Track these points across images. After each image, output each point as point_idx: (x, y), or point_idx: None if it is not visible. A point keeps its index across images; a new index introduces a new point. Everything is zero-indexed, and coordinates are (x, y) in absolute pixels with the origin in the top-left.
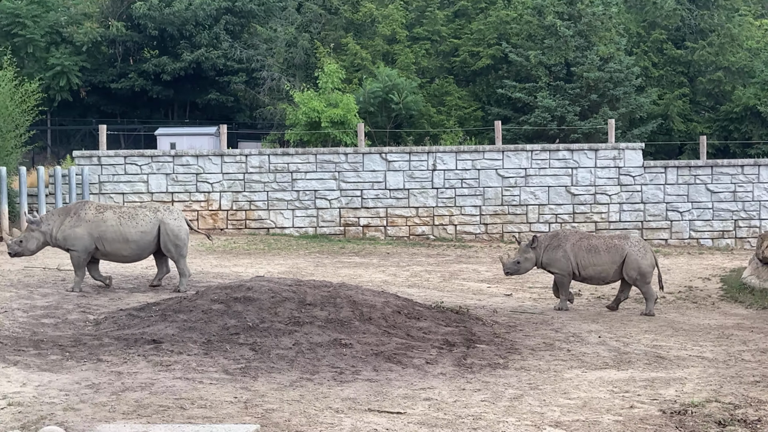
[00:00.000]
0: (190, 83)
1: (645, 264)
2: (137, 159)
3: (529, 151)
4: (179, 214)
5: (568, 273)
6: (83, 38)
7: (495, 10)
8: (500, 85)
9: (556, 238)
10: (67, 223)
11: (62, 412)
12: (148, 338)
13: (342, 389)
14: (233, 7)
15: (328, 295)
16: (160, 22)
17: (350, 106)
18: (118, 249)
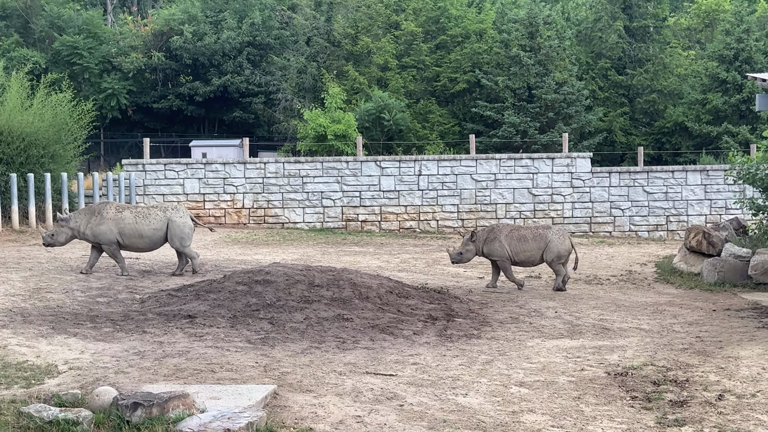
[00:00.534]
0: (219, 103)
1: (563, 249)
2: (175, 166)
3: (498, 159)
4: (185, 212)
5: (507, 258)
6: (130, 66)
7: (470, 43)
8: (474, 105)
9: (492, 231)
10: (93, 221)
11: (114, 375)
12: (184, 314)
13: (344, 356)
14: (254, 41)
15: (332, 278)
16: (193, 52)
17: (350, 123)
18: (135, 242)
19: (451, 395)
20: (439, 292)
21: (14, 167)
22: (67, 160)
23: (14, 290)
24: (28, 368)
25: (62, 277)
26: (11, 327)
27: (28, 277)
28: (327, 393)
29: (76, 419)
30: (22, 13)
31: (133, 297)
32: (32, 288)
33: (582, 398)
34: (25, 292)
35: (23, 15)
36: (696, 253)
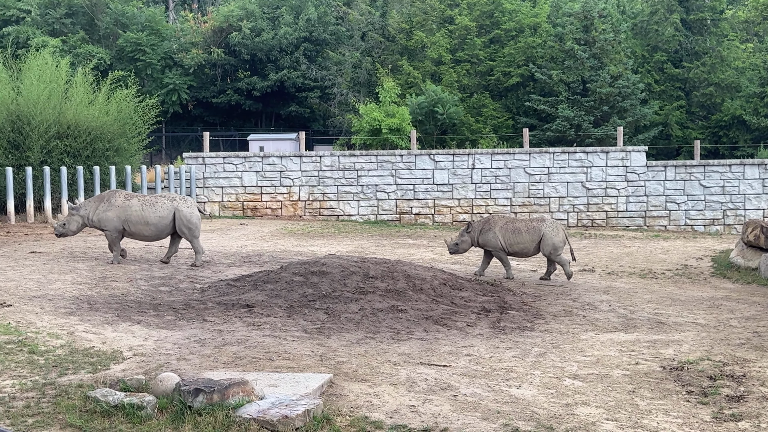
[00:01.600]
0: (275, 98)
1: (557, 241)
2: (233, 159)
3: (552, 153)
4: (192, 203)
5: (501, 249)
6: (191, 62)
7: (523, 37)
8: (527, 98)
9: (487, 223)
10: (101, 208)
11: (176, 362)
12: (243, 303)
13: (398, 346)
14: (310, 36)
15: (387, 269)
16: (251, 48)
17: (404, 116)
18: (141, 230)
19: (505, 387)
20: (493, 284)
21: (81, 160)
22: (131, 153)
23: (81, 279)
24: (95, 354)
25: (126, 267)
26: (78, 314)
27: (94, 266)
28: (382, 382)
29: (141, 404)
30: (87, 10)
31: (193, 286)
32: (98, 277)
33: (637, 392)
34: (91, 281)
35: (89, 12)
36: (754, 248)
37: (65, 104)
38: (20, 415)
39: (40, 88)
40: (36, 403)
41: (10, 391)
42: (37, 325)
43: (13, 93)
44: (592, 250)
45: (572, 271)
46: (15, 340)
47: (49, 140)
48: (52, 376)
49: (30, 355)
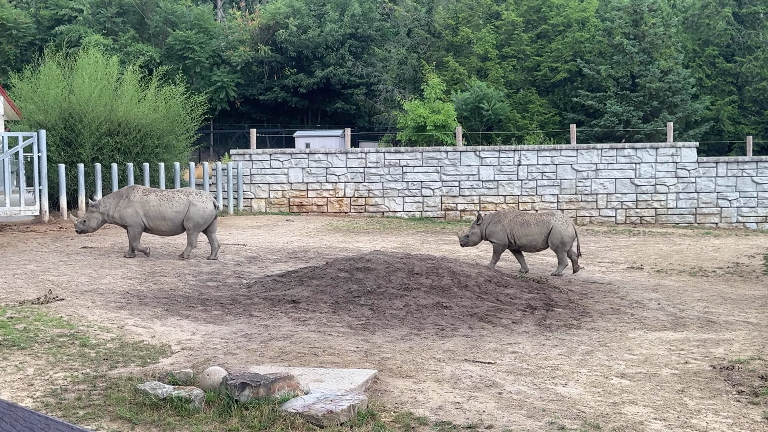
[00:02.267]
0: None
1: (566, 235)
2: (280, 156)
3: (599, 149)
4: (207, 197)
5: (504, 244)
6: (238, 60)
7: (571, 32)
8: (575, 94)
9: (497, 216)
10: (121, 204)
11: (223, 356)
12: (288, 299)
13: (443, 343)
14: (356, 33)
15: (431, 266)
16: (298, 45)
17: (450, 113)
18: (158, 224)
19: (551, 384)
20: (538, 281)
21: (131, 157)
22: (179, 150)
23: (131, 274)
24: (144, 348)
25: (175, 262)
26: (128, 308)
27: (143, 261)
28: (426, 379)
29: (188, 397)
30: (138, 9)
31: (240, 282)
32: (147, 272)
33: (686, 391)
34: (141, 276)
35: (139, 11)
36: None
37: (116, 102)
38: (72, 407)
39: (92, 86)
40: (87, 395)
41: (62, 384)
42: (89, 318)
43: (65, 91)
44: (641, 248)
45: (563, 272)
46: (67, 334)
47: (100, 137)
48: (102, 369)
49: (81, 348)
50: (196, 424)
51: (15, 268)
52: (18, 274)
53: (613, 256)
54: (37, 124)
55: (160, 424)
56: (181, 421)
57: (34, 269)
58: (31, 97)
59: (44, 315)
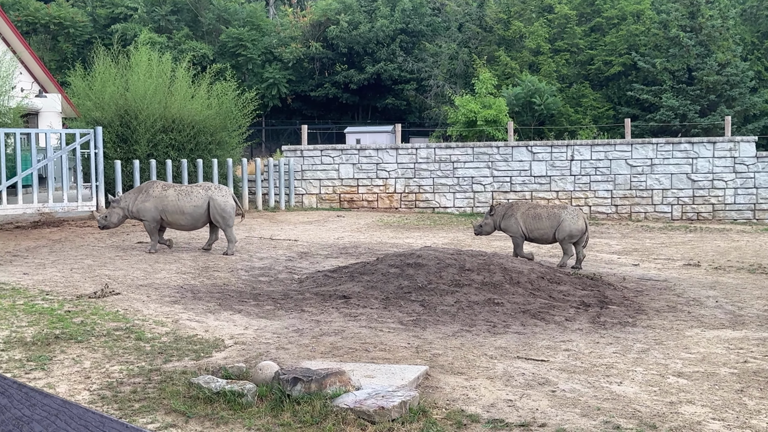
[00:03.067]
0: (372, 91)
1: (575, 228)
2: (331, 152)
3: (655, 144)
4: (227, 192)
5: (520, 235)
6: (290, 56)
7: (626, 25)
8: (629, 88)
9: (510, 208)
10: (140, 199)
11: (275, 351)
12: (339, 294)
13: (495, 339)
14: (407, 28)
15: (483, 262)
16: (348, 41)
17: (501, 108)
18: (177, 219)
19: (605, 383)
20: (592, 278)
21: (185, 153)
22: (232, 146)
23: (185, 268)
24: (198, 342)
25: (227, 258)
26: (183, 303)
27: (197, 257)
28: (478, 376)
29: (241, 391)
30: (191, 7)
31: (292, 277)
32: (201, 267)
33: (745, 391)
34: (194, 271)
35: (193, 9)
36: None
37: (169, 99)
38: (127, 400)
39: (147, 83)
40: (142, 388)
41: (118, 377)
42: (144, 312)
43: (121, 89)
44: (698, 244)
45: (571, 263)
46: (123, 327)
47: (155, 134)
48: (157, 363)
49: (137, 341)
50: (248, 419)
51: (72, 262)
52: (75, 268)
53: (669, 253)
54: (94, 121)
55: (213, 418)
56: (234, 415)
57: (91, 264)
58: (88, 95)
59: (101, 309)
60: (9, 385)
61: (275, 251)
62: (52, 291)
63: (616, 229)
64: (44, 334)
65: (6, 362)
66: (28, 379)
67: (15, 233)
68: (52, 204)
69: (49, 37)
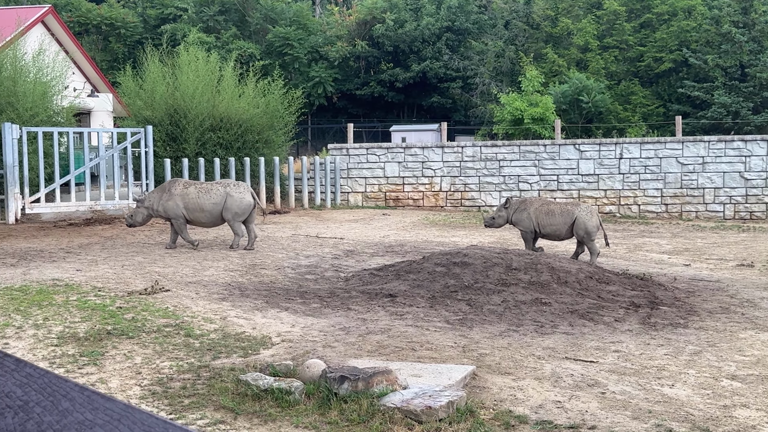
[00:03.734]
0: (417, 89)
1: (590, 225)
2: (376, 150)
3: (707, 142)
4: (245, 188)
5: (530, 231)
6: (336, 55)
7: (677, 21)
8: (680, 85)
9: (524, 203)
10: (164, 198)
11: (322, 349)
12: (385, 293)
13: (542, 340)
14: (452, 26)
15: (530, 261)
16: (394, 40)
17: (548, 105)
18: (197, 216)
19: (656, 385)
20: (642, 278)
21: (232, 152)
22: (278, 144)
23: (233, 266)
24: (246, 339)
25: (274, 255)
26: (230, 300)
27: (244, 254)
28: (526, 376)
29: (289, 389)
30: (239, 7)
31: (338, 275)
32: (248, 264)
33: None
34: (242, 268)
35: (240, 9)
36: None
37: (217, 98)
38: (177, 396)
39: (195, 82)
40: (192, 384)
41: (168, 373)
42: (193, 309)
43: (171, 88)
44: (751, 244)
45: (597, 259)
46: (173, 324)
47: (203, 133)
48: (206, 359)
49: (186, 338)
50: (296, 416)
51: (124, 259)
52: (126, 265)
53: (722, 253)
54: (145, 120)
55: (261, 415)
56: (281, 413)
57: (141, 260)
58: (138, 94)
59: (151, 305)
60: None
61: (321, 249)
62: (104, 287)
63: (666, 228)
64: (96, 330)
65: (59, 357)
66: (81, 374)
67: (68, 230)
68: (104, 202)
69: (100, 38)
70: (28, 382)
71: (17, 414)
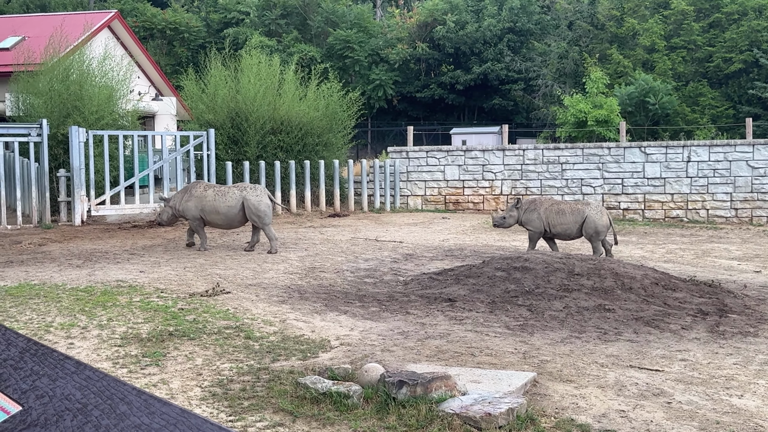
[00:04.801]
0: (478, 91)
1: (600, 224)
2: (436, 153)
3: None
4: (261, 191)
5: (540, 232)
6: (396, 57)
7: (747, 21)
8: (751, 86)
9: (533, 203)
10: (184, 198)
11: (380, 353)
12: (445, 297)
13: (606, 347)
14: (514, 27)
15: (593, 267)
16: (455, 42)
17: (613, 108)
18: (213, 218)
19: (725, 396)
20: (710, 285)
21: (292, 155)
22: (338, 147)
23: (292, 269)
24: (304, 342)
25: (334, 258)
26: (290, 303)
27: (303, 257)
28: (588, 384)
29: (347, 392)
30: (300, 10)
31: (397, 279)
32: (307, 267)
33: None
34: (301, 271)
35: (302, 12)
36: None
37: (278, 101)
38: (237, 398)
39: (257, 86)
40: (251, 386)
41: (228, 374)
42: (253, 312)
43: (232, 91)
44: None
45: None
46: (233, 326)
47: (264, 136)
48: (265, 362)
49: (246, 340)
50: (354, 420)
51: (186, 261)
52: (188, 267)
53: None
54: (207, 123)
55: (320, 418)
56: (340, 416)
57: (203, 262)
58: (201, 98)
59: (212, 307)
60: (128, 391)
61: (380, 253)
62: (166, 289)
63: (736, 234)
64: (159, 331)
65: (123, 357)
66: (143, 375)
67: (132, 232)
68: None
69: (164, 42)
70: (87, 385)
71: (76, 417)
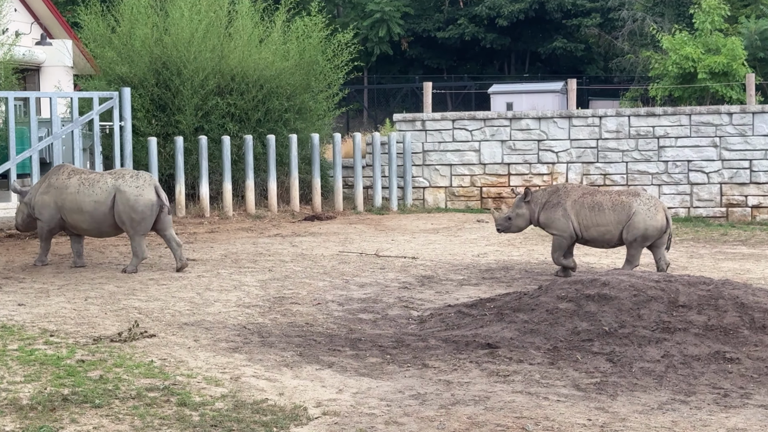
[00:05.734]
0: (531, 29)
1: (651, 226)
2: (467, 123)
3: None
4: (146, 182)
5: (568, 235)
6: None
7: None
8: None
9: (556, 194)
10: (41, 189)
11: (383, 426)
12: (481, 341)
13: (727, 416)
14: None
15: (707, 294)
16: None
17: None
18: (76, 220)
19: None
20: None
21: (249, 126)
22: (318, 115)
23: (249, 299)
24: (268, 410)
25: (312, 283)
26: (246, 351)
27: (267, 281)
28: None
29: None
30: None
31: (408, 314)
32: (273, 296)
33: None
34: (263, 302)
35: None
36: None
37: (227, 45)
38: None
39: (194, 21)
40: None
41: None
42: (190, 365)
43: (158, 30)
44: None
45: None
46: (160, 386)
47: (205, 97)
48: None
49: (180, 408)
50: None
51: (88, 288)
52: (92, 297)
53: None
54: (119, 79)
55: None
56: None
57: (113, 290)
58: (110, 40)
59: (128, 358)
60: None
61: (383, 274)
62: (57, 331)
63: None
64: (47, 395)
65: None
66: None
67: (6, 245)
68: None
69: None
70: None
71: None
